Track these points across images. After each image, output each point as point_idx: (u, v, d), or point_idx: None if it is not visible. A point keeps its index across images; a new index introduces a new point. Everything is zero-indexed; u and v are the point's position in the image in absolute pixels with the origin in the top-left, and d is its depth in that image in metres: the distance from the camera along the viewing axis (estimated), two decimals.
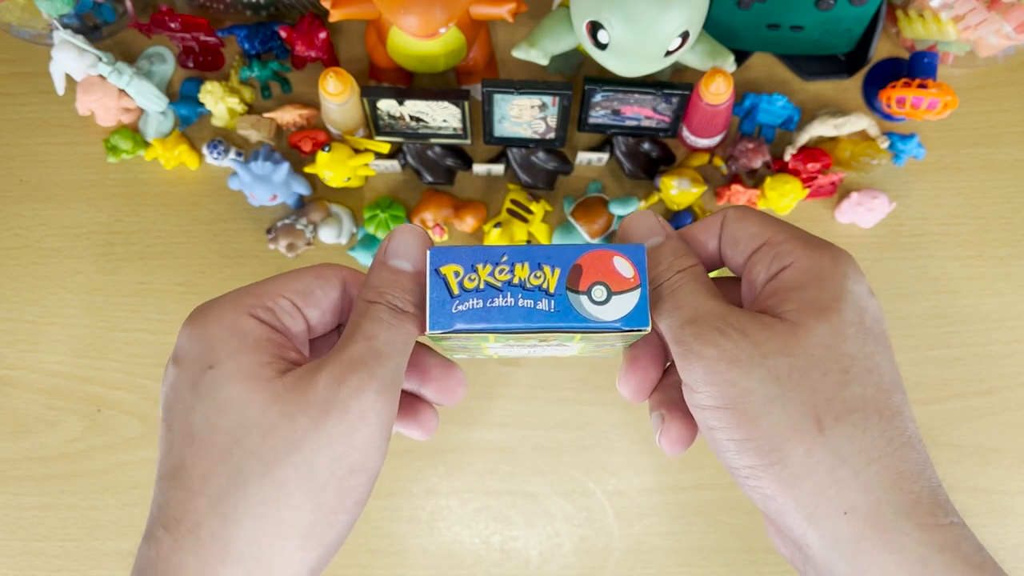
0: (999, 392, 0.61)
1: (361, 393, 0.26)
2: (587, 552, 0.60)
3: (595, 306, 0.27)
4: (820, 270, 0.27)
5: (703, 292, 0.28)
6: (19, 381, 0.62)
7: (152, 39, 0.66)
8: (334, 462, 0.26)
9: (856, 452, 0.25)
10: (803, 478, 0.25)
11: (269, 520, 0.25)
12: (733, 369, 0.26)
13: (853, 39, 0.63)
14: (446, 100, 0.57)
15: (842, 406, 0.26)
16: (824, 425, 0.25)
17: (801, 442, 0.25)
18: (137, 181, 0.65)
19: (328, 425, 0.26)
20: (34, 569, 0.60)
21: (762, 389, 0.26)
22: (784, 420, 0.25)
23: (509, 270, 0.28)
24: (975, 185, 0.64)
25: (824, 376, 0.26)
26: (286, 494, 0.25)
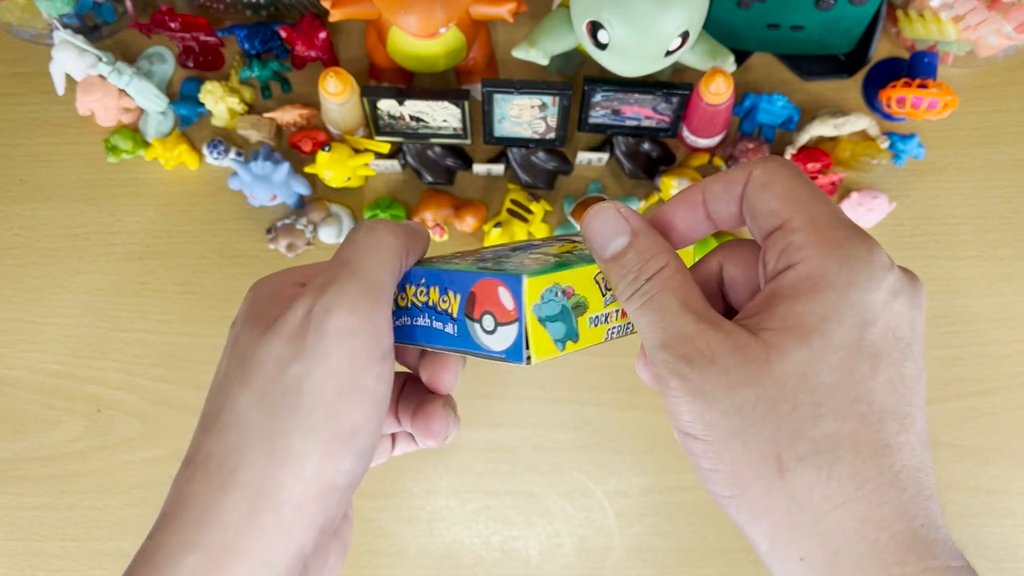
0: (999, 392, 0.61)
1: (330, 313, 0.26)
2: (587, 552, 0.60)
3: (486, 335, 0.27)
4: (821, 278, 0.24)
5: (675, 305, 0.25)
6: (19, 381, 0.62)
7: (152, 39, 0.66)
8: (318, 386, 0.26)
9: (817, 498, 0.23)
10: (761, 516, 0.24)
11: (265, 450, 0.26)
12: (698, 402, 0.24)
13: (853, 39, 0.63)
14: (446, 100, 0.57)
15: (808, 446, 0.23)
16: (784, 466, 0.23)
17: (759, 481, 0.24)
18: (137, 181, 0.65)
19: (306, 350, 0.26)
20: (34, 569, 0.60)
21: (724, 423, 0.24)
22: (744, 457, 0.24)
23: (425, 292, 0.28)
24: (975, 185, 0.64)
25: (794, 410, 0.23)
26: (278, 423, 0.26)
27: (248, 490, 0.26)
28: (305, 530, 0.26)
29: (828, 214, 0.25)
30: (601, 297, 0.28)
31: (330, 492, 0.26)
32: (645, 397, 0.61)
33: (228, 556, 0.25)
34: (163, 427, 0.61)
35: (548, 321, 0.26)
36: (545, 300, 0.26)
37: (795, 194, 0.25)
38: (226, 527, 0.25)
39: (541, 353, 0.26)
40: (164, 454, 0.61)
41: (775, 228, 0.25)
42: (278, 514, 0.26)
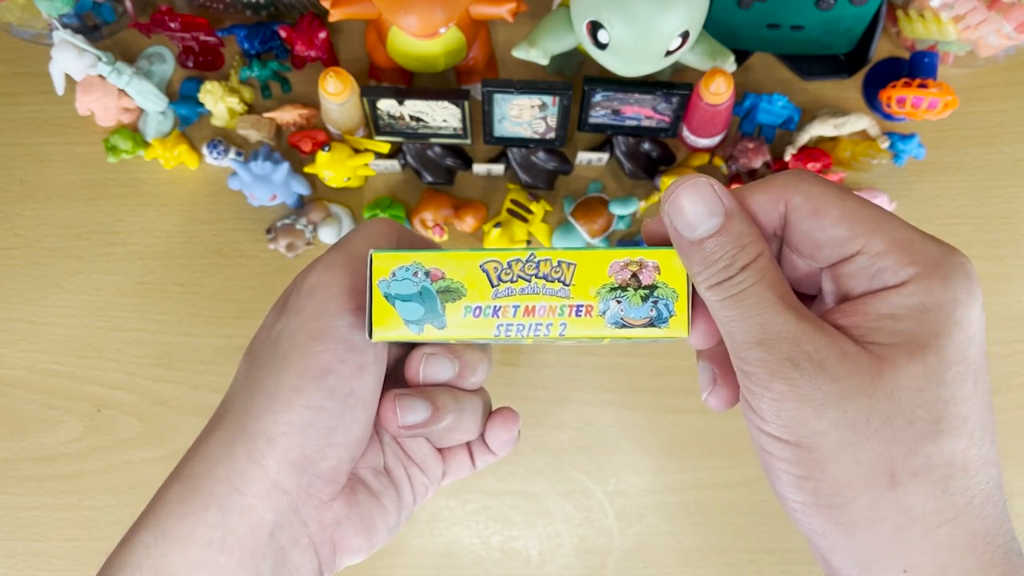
0: (999, 392, 0.61)
1: (306, 275, 0.30)
2: (587, 552, 0.60)
3: None
4: (927, 297, 0.23)
5: (773, 299, 0.24)
6: (19, 381, 0.62)
7: (152, 39, 0.66)
8: (293, 333, 0.28)
9: (930, 512, 0.23)
10: (863, 528, 0.23)
11: (246, 393, 0.29)
12: (804, 409, 0.23)
13: (853, 39, 0.63)
14: (446, 100, 0.57)
15: (924, 462, 0.23)
16: (898, 480, 0.23)
17: (868, 494, 0.23)
18: (137, 181, 0.65)
19: (287, 309, 0.29)
20: (34, 569, 0.60)
21: (834, 433, 0.23)
22: (853, 469, 0.23)
23: None
24: (975, 185, 0.64)
25: (910, 425, 0.23)
26: (259, 370, 0.29)
27: (228, 428, 0.28)
28: (278, 463, 0.28)
29: (904, 229, 0.25)
30: (489, 288, 0.26)
31: (304, 428, 0.28)
32: (645, 397, 0.61)
33: (205, 481, 0.28)
34: (163, 427, 0.61)
35: (398, 299, 0.27)
36: (397, 278, 0.26)
37: (856, 215, 0.24)
38: (206, 459, 0.28)
39: (384, 328, 0.27)
40: (164, 454, 0.61)
41: (852, 254, 0.24)
42: (251, 445, 0.28)
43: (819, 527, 0.24)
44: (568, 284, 0.26)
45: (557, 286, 0.26)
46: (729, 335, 0.25)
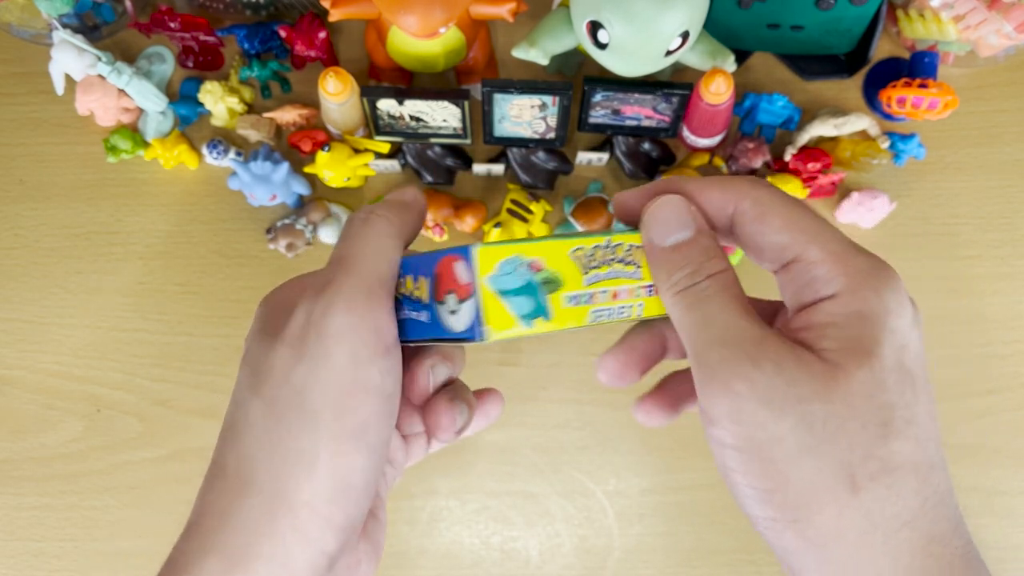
0: (1000, 392, 0.61)
1: (327, 313, 0.26)
2: (587, 552, 0.60)
3: (451, 317, 0.25)
4: (862, 305, 0.24)
5: (736, 307, 0.25)
6: (19, 381, 0.62)
7: (152, 39, 0.66)
8: (323, 387, 0.26)
9: (889, 516, 0.23)
10: (831, 540, 0.23)
11: (277, 454, 0.26)
12: (763, 410, 0.23)
13: (853, 39, 0.63)
14: (446, 100, 0.57)
15: (878, 465, 0.23)
16: (858, 485, 0.23)
17: (833, 502, 0.23)
18: (137, 181, 0.65)
19: (307, 353, 0.26)
20: (34, 569, 0.60)
21: (793, 438, 0.23)
22: (815, 476, 0.23)
23: (402, 283, 0.27)
24: (976, 185, 0.64)
25: (863, 429, 0.23)
26: (287, 427, 0.26)
27: (263, 494, 0.26)
28: (322, 530, 0.26)
29: (839, 241, 0.25)
30: (580, 276, 0.26)
31: (346, 491, 0.26)
32: None
33: (246, 559, 0.25)
34: (163, 427, 0.61)
35: (509, 295, 0.25)
36: (503, 272, 0.25)
37: (798, 224, 0.25)
38: (243, 530, 0.26)
39: (499, 327, 0.25)
40: (164, 454, 0.61)
41: (789, 261, 0.25)
42: (293, 516, 0.25)
43: (790, 544, 0.24)
44: (640, 266, 0.27)
45: (632, 268, 0.27)
46: (691, 340, 0.25)
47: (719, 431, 0.24)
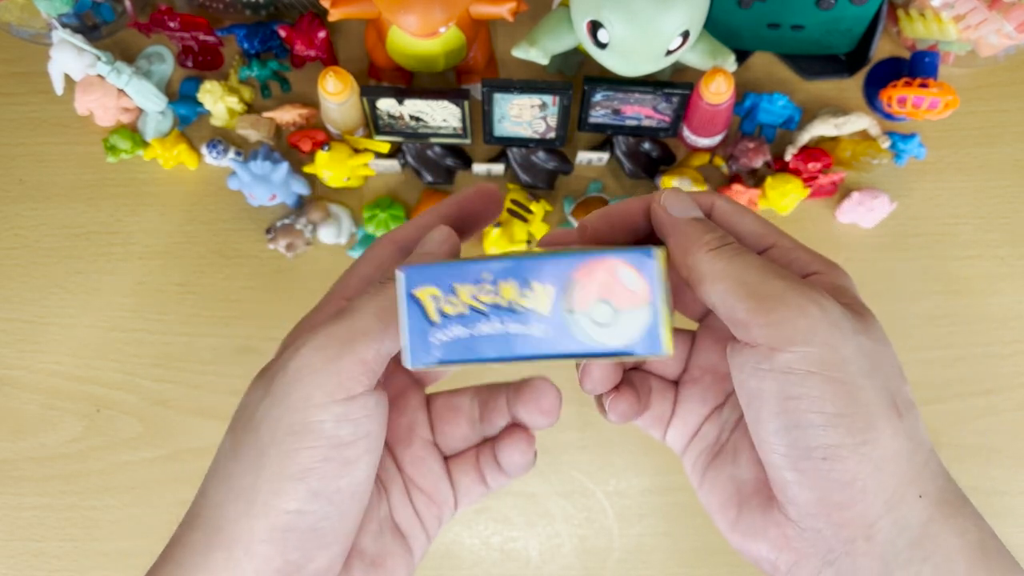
0: (1000, 392, 0.61)
1: (297, 351, 0.25)
2: (587, 553, 0.60)
3: (597, 329, 0.23)
4: (843, 282, 0.27)
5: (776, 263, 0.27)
6: (19, 381, 0.62)
7: (151, 38, 0.66)
8: (274, 424, 0.25)
9: (922, 441, 0.25)
10: (889, 460, 0.24)
11: (223, 488, 0.26)
12: (835, 333, 0.24)
13: (854, 39, 0.63)
14: (446, 100, 0.57)
15: (905, 399, 0.26)
16: (900, 411, 0.25)
17: (889, 423, 0.24)
18: (136, 181, 0.65)
19: (272, 389, 0.26)
20: (34, 569, 0.60)
21: (857, 362, 0.24)
22: (875, 398, 0.24)
23: (493, 290, 0.23)
24: (976, 185, 0.64)
25: (891, 367, 0.26)
26: (238, 462, 0.26)
27: (206, 528, 0.26)
28: (258, 571, 0.25)
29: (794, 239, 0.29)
30: None
31: (285, 533, 0.25)
32: None
33: None
34: (162, 427, 0.61)
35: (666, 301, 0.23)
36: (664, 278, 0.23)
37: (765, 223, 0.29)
38: (180, 563, 0.26)
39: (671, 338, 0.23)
40: (163, 454, 0.61)
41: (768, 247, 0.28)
42: (228, 552, 0.25)
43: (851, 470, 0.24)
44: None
45: None
46: (745, 279, 0.25)
47: (789, 356, 0.24)
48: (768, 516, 0.27)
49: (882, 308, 0.29)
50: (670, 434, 0.32)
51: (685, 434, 0.32)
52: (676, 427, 0.32)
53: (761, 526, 0.27)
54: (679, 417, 0.32)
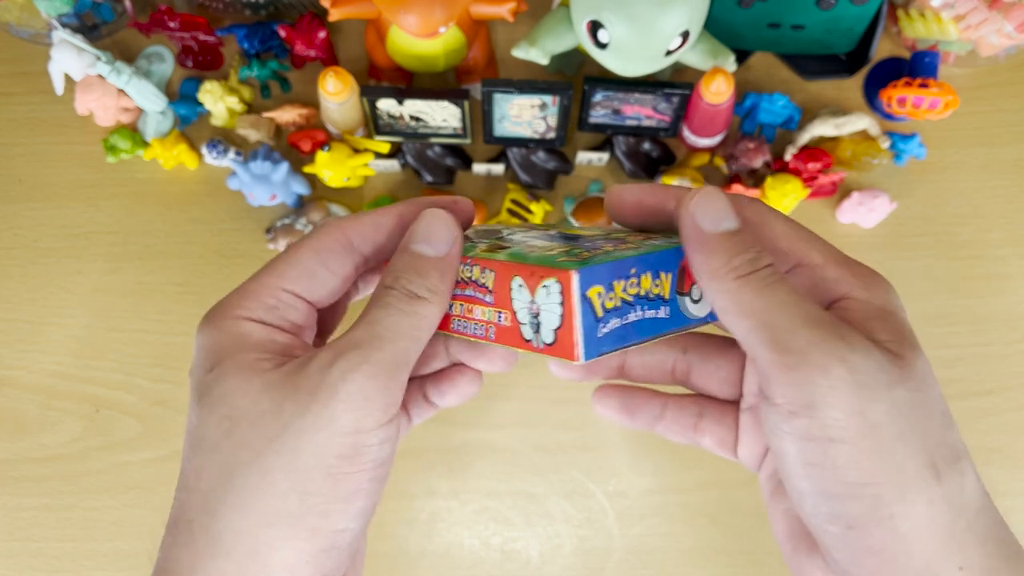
0: (1001, 392, 0.61)
1: (350, 375, 0.24)
2: (587, 553, 0.60)
3: (694, 305, 0.27)
4: (883, 303, 0.24)
5: (803, 293, 0.24)
6: (18, 381, 0.62)
7: (151, 38, 0.66)
8: (320, 448, 0.24)
9: (966, 504, 0.23)
10: (923, 531, 0.22)
11: (255, 510, 0.24)
12: (864, 395, 0.22)
13: (854, 38, 0.63)
14: (446, 100, 0.57)
15: (950, 452, 0.23)
16: (940, 472, 0.23)
17: (923, 491, 0.22)
18: (136, 181, 0.65)
19: (314, 410, 0.24)
20: (33, 569, 0.60)
21: (888, 425, 0.22)
22: (906, 463, 0.22)
23: (636, 283, 0.26)
24: (977, 185, 0.64)
25: (932, 417, 0.23)
26: (270, 483, 0.24)
27: (235, 556, 0.24)
28: None
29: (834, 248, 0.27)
30: None
31: (328, 551, 0.25)
32: None
33: None
34: (162, 427, 0.61)
35: None
36: None
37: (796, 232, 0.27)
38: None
39: None
40: (163, 454, 0.61)
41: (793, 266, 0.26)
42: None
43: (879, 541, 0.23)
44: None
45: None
46: (767, 323, 0.23)
47: (808, 422, 0.22)
48: (814, 561, 0.26)
49: None
50: (741, 455, 0.31)
51: (755, 457, 0.30)
52: (744, 450, 0.31)
53: (808, 568, 0.26)
54: (744, 443, 0.31)
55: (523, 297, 0.26)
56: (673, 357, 0.31)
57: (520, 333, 0.26)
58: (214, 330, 0.27)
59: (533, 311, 0.25)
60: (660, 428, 0.32)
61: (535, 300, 0.25)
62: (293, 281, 0.28)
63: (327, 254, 0.28)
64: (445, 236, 0.27)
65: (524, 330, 0.26)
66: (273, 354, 0.26)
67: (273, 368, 0.26)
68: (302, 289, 0.28)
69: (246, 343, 0.26)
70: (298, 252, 0.28)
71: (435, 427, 0.60)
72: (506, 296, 0.26)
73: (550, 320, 0.25)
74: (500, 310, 0.27)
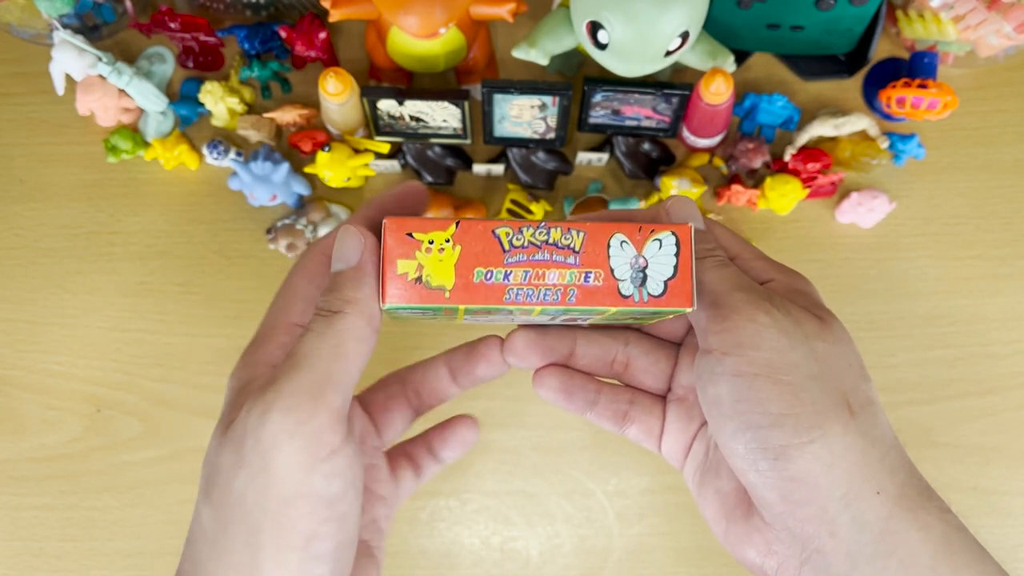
0: (999, 392, 0.61)
1: (266, 416, 0.24)
2: (587, 552, 0.60)
3: None
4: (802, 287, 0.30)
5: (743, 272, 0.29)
6: (19, 381, 0.62)
7: (152, 39, 0.66)
8: (262, 494, 0.24)
9: (878, 438, 0.27)
10: (840, 457, 0.26)
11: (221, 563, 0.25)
12: (782, 339, 0.26)
13: (853, 39, 0.63)
14: (446, 100, 0.57)
15: (863, 397, 0.27)
16: (853, 410, 0.26)
17: (838, 422, 0.26)
18: (137, 181, 0.65)
19: (245, 460, 0.24)
20: (34, 569, 0.60)
21: (805, 366, 0.26)
22: (823, 398, 0.26)
23: None
24: (975, 185, 0.64)
25: (849, 367, 0.28)
26: (230, 538, 0.25)
27: None
28: None
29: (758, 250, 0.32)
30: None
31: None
32: None
33: None
34: (163, 427, 0.61)
35: None
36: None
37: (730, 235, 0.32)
38: None
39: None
40: (164, 454, 0.61)
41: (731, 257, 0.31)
42: None
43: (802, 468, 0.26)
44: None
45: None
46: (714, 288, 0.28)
47: (737, 360, 0.27)
48: (750, 523, 0.28)
49: (881, 308, 0.30)
50: (664, 449, 0.35)
51: (678, 451, 0.34)
52: (668, 443, 0.34)
53: (745, 533, 0.29)
54: (669, 434, 0.34)
55: (626, 253, 0.26)
56: (616, 350, 0.34)
57: (617, 290, 0.26)
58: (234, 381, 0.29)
59: (640, 265, 0.26)
60: (593, 415, 0.34)
61: (643, 254, 0.26)
62: (299, 314, 0.29)
63: (319, 278, 0.29)
64: (353, 246, 0.27)
65: (623, 286, 0.26)
66: None
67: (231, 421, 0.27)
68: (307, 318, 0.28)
69: None
70: (292, 283, 0.29)
71: None
72: (601, 254, 0.26)
73: (661, 272, 0.26)
74: (589, 270, 0.26)
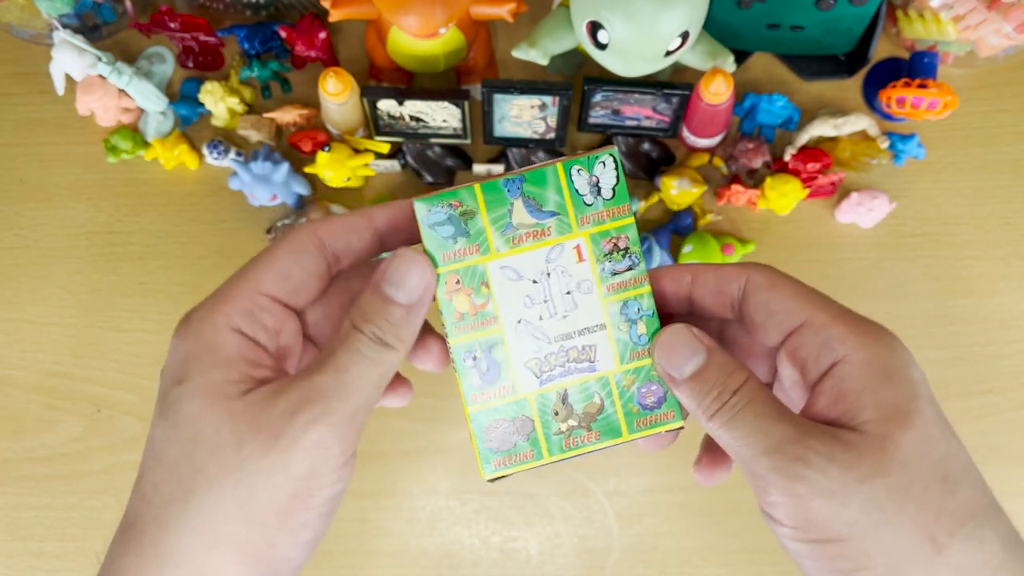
0: (1000, 392, 0.61)
1: (312, 427, 0.25)
2: (587, 552, 0.60)
3: None
4: (882, 363, 0.25)
5: (769, 413, 0.26)
6: (19, 381, 0.62)
7: (152, 39, 0.66)
8: (275, 488, 0.25)
9: (979, 565, 0.24)
10: None
11: (206, 534, 0.25)
12: (830, 503, 0.24)
13: (853, 39, 0.63)
14: (446, 100, 0.57)
15: (953, 519, 0.24)
16: (940, 544, 0.24)
17: (921, 565, 0.23)
18: (137, 181, 0.65)
19: (272, 456, 0.25)
20: (34, 569, 0.60)
21: (865, 518, 0.24)
22: (897, 546, 0.24)
23: None
24: (975, 185, 0.64)
25: (926, 490, 0.24)
26: (223, 511, 0.25)
27: (181, 573, 0.25)
28: None
29: (840, 306, 0.27)
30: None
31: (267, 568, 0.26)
32: None
33: None
34: None
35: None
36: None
37: (804, 293, 0.27)
38: None
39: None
40: None
41: (798, 325, 0.27)
42: None
43: None
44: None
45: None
46: (739, 456, 0.26)
47: (790, 532, 0.25)
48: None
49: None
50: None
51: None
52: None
53: None
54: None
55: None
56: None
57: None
58: (190, 336, 0.28)
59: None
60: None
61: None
62: (269, 284, 0.28)
63: (301, 254, 0.28)
64: (417, 283, 0.27)
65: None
66: (242, 376, 0.27)
67: (238, 396, 0.26)
68: (278, 291, 0.28)
69: (218, 357, 0.27)
70: (272, 253, 0.28)
71: (435, 426, 0.60)
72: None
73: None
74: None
